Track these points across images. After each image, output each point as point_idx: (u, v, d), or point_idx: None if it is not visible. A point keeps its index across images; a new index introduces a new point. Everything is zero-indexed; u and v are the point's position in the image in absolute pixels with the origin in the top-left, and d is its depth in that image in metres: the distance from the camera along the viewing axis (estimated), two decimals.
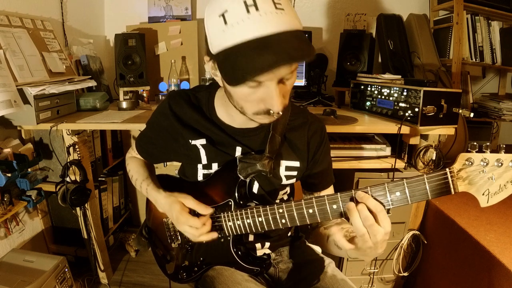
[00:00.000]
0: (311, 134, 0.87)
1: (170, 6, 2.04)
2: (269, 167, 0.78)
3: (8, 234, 1.39)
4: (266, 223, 0.76)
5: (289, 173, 0.87)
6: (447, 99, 1.23)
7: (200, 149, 0.84)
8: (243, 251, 0.87)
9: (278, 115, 0.67)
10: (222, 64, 0.63)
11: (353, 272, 1.53)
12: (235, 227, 0.81)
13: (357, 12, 1.97)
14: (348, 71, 1.80)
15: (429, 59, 1.91)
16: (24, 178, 1.29)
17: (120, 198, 2.00)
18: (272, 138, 0.81)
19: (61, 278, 1.32)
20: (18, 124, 1.29)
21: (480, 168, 0.58)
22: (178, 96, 0.87)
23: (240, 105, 0.70)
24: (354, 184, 1.40)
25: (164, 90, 1.89)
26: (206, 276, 0.88)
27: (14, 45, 1.29)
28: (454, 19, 1.86)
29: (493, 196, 0.58)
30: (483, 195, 0.58)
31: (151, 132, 0.94)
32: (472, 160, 0.58)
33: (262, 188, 0.87)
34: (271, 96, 0.64)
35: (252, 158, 0.80)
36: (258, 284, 0.84)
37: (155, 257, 1.01)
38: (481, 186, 0.58)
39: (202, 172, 0.88)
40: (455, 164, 0.59)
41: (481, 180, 0.58)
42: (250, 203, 0.83)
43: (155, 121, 0.92)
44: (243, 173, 0.80)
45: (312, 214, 0.70)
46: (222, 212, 0.82)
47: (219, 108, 0.83)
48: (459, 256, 1.27)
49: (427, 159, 1.37)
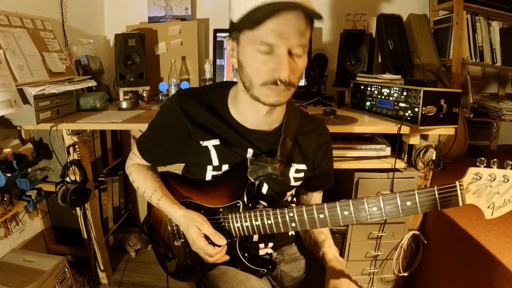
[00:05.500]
0: (320, 144, 0.89)
1: (170, 6, 2.04)
2: (280, 171, 0.79)
3: (8, 234, 1.39)
4: (275, 226, 0.77)
5: (298, 175, 0.88)
6: (447, 99, 1.23)
7: (211, 150, 0.83)
8: (249, 253, 0.87)
9: (286, 87, 0.68)
10: (242, 22, 0.68)
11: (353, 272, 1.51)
12: (243, 229, 0.81)
13: (357, 12, 1.97)
14: (348, 71, 1.80)
15: (429, 59, 1.91)
16: (24, 178, 1.29)
17: (120, 198, 2.00)
18: (284, 142, 0.81)
19: (61, 278, 1.32)
20: (18, 124, 1.29)
21: (487, 183, 0.61)
22: (189, 95, 0.85)
23: (249, 77, 0.70)
24: (354, 184, 1.40)
25: (164, 90, 1.89)
26: (209, 275, 0.88)
27: (14, 45, 1.29)
28: (454, 19, 1.86)
29: (497, 210, 0.62)
30: (488, 208, 0.62)
31: (156, 133, 0.90)
32: (481, 175, 0.61)
33: (272, 189, 0.87)
34: (280, 62, 0.66)
35: (263, 161, 0.80)
36: (262, 284, 0.84)
37: (156, 254, 1.00)
38: (487, 200, 0.62)
39: (211, 174, 0.87)
40: (465, 177, 0.63)
41: (488, 194, 0.62)
42: (258, 205, 0.84)
43: (161, 122, 0.88)
44: (254, 175, 0.80)
45: (323, 219, 0.72)
46: (229, 213, 0.82)
47: (232, 107, 0.83)
48: (459, 256, 1.27)
49: (427, 159, 1.37)
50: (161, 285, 1.68)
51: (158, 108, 0.93)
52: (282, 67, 0.66)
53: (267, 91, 0.70)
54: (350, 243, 1.48)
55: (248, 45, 0.68)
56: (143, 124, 1.36)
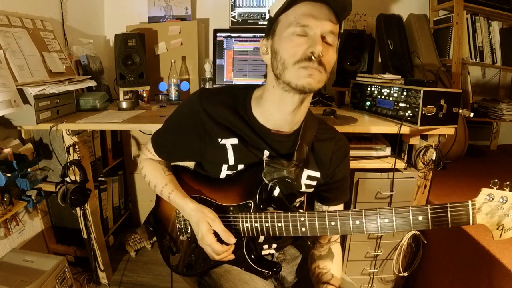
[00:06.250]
0: (336, 150, 0.88)
1: (170, 6, 2.04)
2: (295, 175, 0.79)
3: (8, 234, 1.39)
4: (285, 229, 0.77)
5: (309, 182, 0.88)
6: (447, 99, 1.23)
7: (228, 149, 0.83)
8: (255, 254, 0.86)
9: (318, 66, 0.70)
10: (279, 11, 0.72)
11: (353, 272, 1.53)
12: (252, 229, 0.81)
13: (357, 12, 1.97)
14: (348, 71, 1.80)
15: (429, 59, 1.91)
16: (24, 178, 1.29)
17: (120, 198, 2.00)
18: (300, 147, 0.81)
19: (61, 278, 1.32)
20: (18, 124, 1.29)
21: (499, 205, 0.62)
22: (211, 93, 0.85)
23: (283, 60, 0.72)
24: (354, 184, 1.40)
25: (164, 90, 1.89)
26: (212, 272, 0.88)
27: (14, 45, 1.29)
28: (454, 19, 1.86)
29: (506, 232, 0.62)
30: (497, 229, 0.63)
31: (173, 129, 0.89)
32: (493, 196, 0.62)
33: (283, 193, 0.87)
34: (314, 40, 0.69)
35: (279, 164, 0.80)
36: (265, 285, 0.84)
37: (160, 247, 1.00)
38: (498, 221, 0.62)
39: (225, 173, 0.86)
40: (478, 197, 0.63)
41: (499, 216, 0.62)
42: (269, 207, 0.83)
43: (179, 119, 0.88)
44: (268, 177, 0.80)
45: (333, 227, 0.73)
46: (240, 212, 0.82)
47: (255, 108, 0.83)
48: (459, 256, 1.27)
49: (427, 159, 1.37)
50: (161, 285, 1.69)
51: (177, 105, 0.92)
52: (316, 43, 0.69)
53: (300, 71, 0.71)
54: (350, 243, 1.48)
55: (284, 30, 0.72)
56: (143, 124, 1.36)
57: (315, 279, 0.88)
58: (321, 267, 0.89)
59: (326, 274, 0.87)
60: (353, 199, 1.43)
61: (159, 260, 1.03)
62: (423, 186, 1.42)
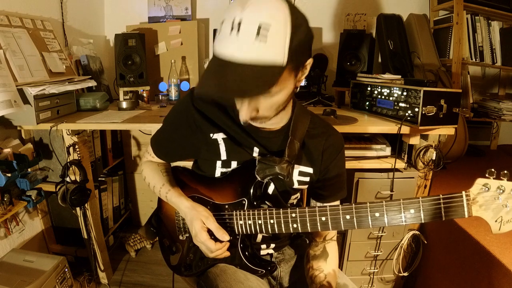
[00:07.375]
0: (328, 146, 0.87)
1: (170, 6, 2.04)
2: (287, 171, 0.79)
3: (8, 234, 1.39)
4: (277, 226, 0.77)
5: (302, 179, 0.88)
6: (447, 99, 1.23)
7: (220, 144, 0.84)
8: (250, 252, 0.87)
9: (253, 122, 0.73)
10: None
11: (353, 272, 1.53)
12: (246, 227, 0.81)
13: (357, 12, 1.97)
14: (348, 71, 1.80)
15: (429, 59, 1.91)
16: (24, 178, 1.29)
17: (120, 198, 2.00)
18: (291, 143, 0.81)
19: (61, 278, 1.32)
20: (18, 124, 1.30)
21: (495, 195, 0.58)
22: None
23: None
24: (354, 184, 1.40)
25: (164, 90, 1.89)
26: (209, 272, 0.89)
27: (14, 45, 1.29)
28: (454, 19, 1.86)
29: (505, 224, 0.58)
30: (495, 222, 0.59)
31: (168, 128, 0.92)
32: (489, 186, 0.59)
33: (277, 190, 0.87)
34: (238, 107, 0.70)
35: (271, 161, 0.80)
36: (261, 284, 0.84)
37: (161, 247, 1.01)
38: (495, 213, 0.59)
39: (220, 170, 0.88)
40: (472, 188, 0.60)
41: (496, 207, 0.59)
42: (263, 205, 0.84)
43: (173, 118, 0.90)
44: (261, 174, 0.80)
45: (324, 222, 0.72)
46: (234, 210, 0.83)
47: None
48: (459, 256, 1.27)
49: (427, 159, 1.37)
50: (161, 285, 1.68)
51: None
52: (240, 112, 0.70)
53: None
54: (350, 243, 1.48)
55: None
56: (143, 124, 1.36)
57: (308, 279, 0.88)
58: (314, 267, 0.88)
59: (319, 275, 0.86)
60: (353, 199, 1.43)
61: (159, 260, 1.03)
62: (423, 186, 1.42)
